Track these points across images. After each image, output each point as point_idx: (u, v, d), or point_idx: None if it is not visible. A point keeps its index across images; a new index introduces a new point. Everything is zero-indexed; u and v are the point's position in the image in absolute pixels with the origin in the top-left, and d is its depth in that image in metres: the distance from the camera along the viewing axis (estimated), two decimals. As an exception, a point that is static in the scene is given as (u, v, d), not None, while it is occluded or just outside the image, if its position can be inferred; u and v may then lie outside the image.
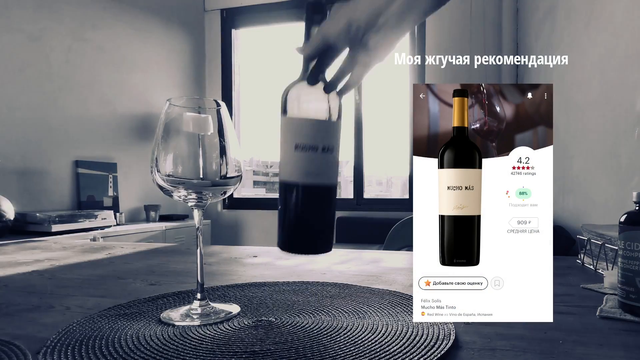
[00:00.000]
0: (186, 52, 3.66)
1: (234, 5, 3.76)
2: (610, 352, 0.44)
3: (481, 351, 0.44)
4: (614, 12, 1.61)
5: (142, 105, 3.22)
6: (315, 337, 0.48)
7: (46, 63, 2.61)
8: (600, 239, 0.81)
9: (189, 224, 3.16)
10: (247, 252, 1.11)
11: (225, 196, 0.58)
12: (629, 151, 1.47)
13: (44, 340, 0.47)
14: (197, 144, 0.56)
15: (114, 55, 3.04)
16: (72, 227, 2.36)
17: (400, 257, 1.02)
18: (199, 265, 0.57)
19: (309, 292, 0.67)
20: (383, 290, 0.67)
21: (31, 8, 2.53)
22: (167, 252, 1.16)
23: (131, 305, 0.60)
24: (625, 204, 1.37)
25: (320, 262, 0.96)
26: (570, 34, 2.04)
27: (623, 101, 1.52)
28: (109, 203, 2.92)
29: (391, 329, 0.50)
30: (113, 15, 3.04)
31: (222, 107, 0.56)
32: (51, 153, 2.64)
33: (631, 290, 0.53)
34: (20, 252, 1.14)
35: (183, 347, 0.46)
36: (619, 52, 1.56)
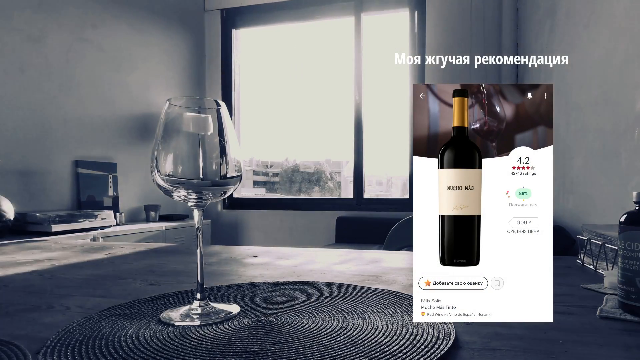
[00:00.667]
0: (186, 52, 3.66)
1: (234, 5, 3.76)
2: (610, 352, 0.44)
3: (481, 351, 0.44)
4: (614, 13, 1.61)
5: (142, 105, 3.22)
6: (315, 337, 0.48)
7: (46, 63, 2.61)
8: (600, 239, 0.81)
9: (189, 224, 3.16)
10: (247, 252, 1.11)
11: (225, 196, 0.58)
12: (629, 151, 1.47)
13: (44, 340, 0.47)
14: (197, 144, 0.56)
15: (114, 55, 3.04)
16: (72, 227, 2.36)
17: (400, 257, 1.02)
18: (199, 265, 0.57)
19: (309, 292, 0.67)
20: (383, 290, 0.67)
21: (31, 8, 2.53)
22: (167, 252, 1.16)
23: (131, 305, 0.60)
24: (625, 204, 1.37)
25: (320, 262, 0.96)
26: (570, 34, 2.04)
27: (623, 101, 1.52)
28: (109, 203, 2.92)
29: (391, 329, 0.50)
30: (113, 15, 3.04)
31: (222, 107, 0.56)
32: (51, 153, 2.64)
33: (631, 290, 0.53)
34: (20, 252, 1.14)
35: (183, 347, 0.46)
36: (619, 52, 1.56)
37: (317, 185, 4.08)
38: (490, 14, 3.15)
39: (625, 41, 1.51)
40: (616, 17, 1.59)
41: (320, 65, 3.85)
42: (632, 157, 1.45)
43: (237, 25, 3.85)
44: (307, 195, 4.08)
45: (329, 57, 3.82)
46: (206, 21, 3.82)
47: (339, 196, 4.04)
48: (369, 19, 3.56)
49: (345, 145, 3.61)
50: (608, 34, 1.65)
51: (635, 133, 1.42)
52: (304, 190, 4.09)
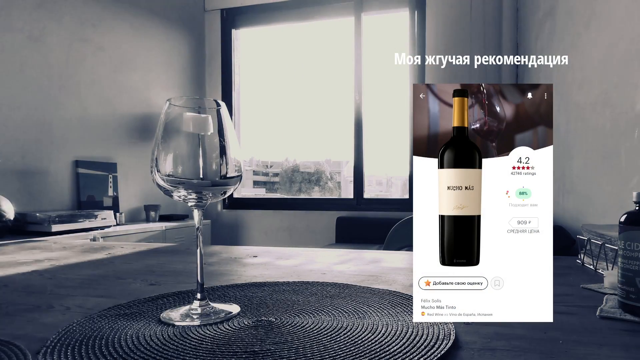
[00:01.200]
0: (186, 52, 3.66)
1: (234, 5, 3.76)
2: (610, 352, 0.44)
3: (481, 351, 0.44)
4: (614, 12, 1.61)
5: (142, 105, 3.22)
6: (315, 337, 0.48)
7: (46, 63, 2.61)
8: (600, 239, 0.81)
9: (189, 224, 3.16)
10: (247, 252, 1.11)
11: (225, 196, 0.58)
12: (629, 151, 1.47)
13: (44, 340, 0.47)
14: (197, 144, 0.56)
15: (114, 55, 3.04)
16: (72, 227, 2.36)
17: (400, 257, 1.02)
18: (199, 265, 0.57)
19: (309, 292, 0.67)
20: (383, 290, 0.67)
21: (31, 8, 2.53)
22: (167, 252, 1.16)
23: (131, 305, 0.60)
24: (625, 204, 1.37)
25: (320, 262, 0.96)
26: (570, 34, 2.04)
27: (623, 101, 1.52)
28: (109, 203, 2.92)
29: (391, 329, 0.50)
30: (113, 15, 3.04)
31: (222, 107, 0.56)
32: (51, 153, 2.64)
33: (631, 290, 0.53)
34: (20, 252, 1.14)
35: (183, 347, 0.46)
36: (619, 52, 1.56)
37: (317, 185, 4.08)
38: (490, 14, 3.15)
39: (625, 41, 1.51)
40: (616, 17, 1.59)
41: (320, 65, 3.85)
42: (632, 157, 1.45)
43: (237, 25, 3.85)
44: (307, 195, 4.08)
45: (329, 57, 3.82)
46: (206, 21, 3.82)
47: (339, 196, 4.04)
48: (369, 19, 3.56)
49: (345, 145, 3.61)
50: (608, 34, 1.65)
51: (635, 133, 1.42)
52: (304, 190, 4.09)
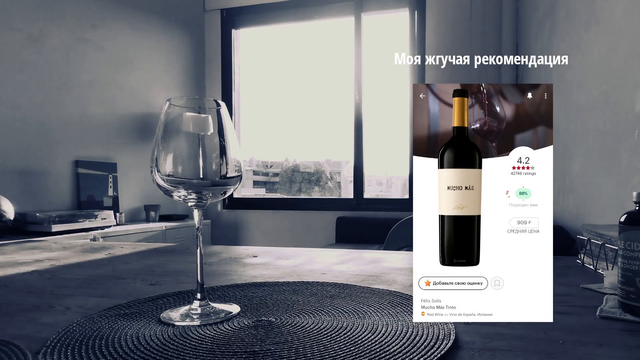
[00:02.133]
0: (186, 52, 3.66)
1: (234, 5, 3.76)
2: (610, 352, 0.44)
3: (481, 351, 0.44)
4: (614, 12, 1.61)
5: (142, 105, 3.22)
6: (315, 337, 0.48)
7: (46, 63, 2.61)
8: (600, 239, 0.81)
9: (189, 224, 3.16)
10: (247, 252, 1.11)
11: (225, 196, 0.58)
12: (629, 151, 1.47)
13: (44, 340, 0.47)
14: (197, 144, 0.56)
15: (114, 55, 3.04)
16: (72, 227, 2.36)
17: (400, 257, 1.02)
18: (199, 265, 0.57)
19: (309, 292, 0.67)
20: (383, 290, 0.67)
21: (31, 8, 2.53)
22: (167, 252, 1.16)
23: (131, 305, 0.60)
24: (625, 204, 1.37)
25: (320, 262, 0.96)
26: (570, 34, 2.04)
27: (623, 101, 1.52)
28: (109, 203, 2.92)
29: (391, 329, 0.50)
30: (113, 15, 3.04)
31: (222, 107, 0.56)
32: (51, 153, 2.64)
33: (631, 290, 0.53)
34: (20, 252, 1.14)
35: (183, 347, 0.46)
36: (619, 52, 1.56)
37: (317, 185, 4.08)
38: (490, 14, 3.15)
39: (625, 41, 1.51)
40: (616, 17, 1.59)
41: (320, 65, 3.85)
42: (632, 157, 1.44)
43: (237, 25, 3.85)
44: (307, 195, 4.08)
45: (329, 57, 3.82)
46: (206, 21, 3.82)
47: (339, 196, 4.04)
48: (369, 19, 3.56)
49: (345, 145, 3.61)
50: (608, 34, 1.65)
51: (635, 133, 1.42)
52: (304, 190, 4.09)
